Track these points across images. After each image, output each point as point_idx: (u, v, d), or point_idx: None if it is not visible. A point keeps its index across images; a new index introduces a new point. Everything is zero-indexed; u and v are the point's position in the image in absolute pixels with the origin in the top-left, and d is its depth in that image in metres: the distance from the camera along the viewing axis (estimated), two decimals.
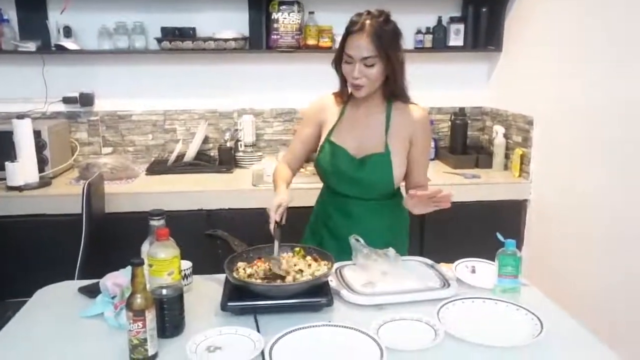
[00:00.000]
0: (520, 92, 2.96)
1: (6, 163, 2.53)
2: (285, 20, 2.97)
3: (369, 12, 1.71)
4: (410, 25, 3.10)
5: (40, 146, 2.69)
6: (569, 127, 2.51)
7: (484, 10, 3.12)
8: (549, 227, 2.68)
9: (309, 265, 1.60)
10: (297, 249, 1.70)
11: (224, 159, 3.04)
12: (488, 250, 1.67)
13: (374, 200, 1.87)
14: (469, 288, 1.62)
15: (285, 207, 1.71)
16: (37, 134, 2.66)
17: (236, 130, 3.17)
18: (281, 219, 1.69)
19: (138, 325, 1.22)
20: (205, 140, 3.17)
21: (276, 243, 1.65)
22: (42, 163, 2.70)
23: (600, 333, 1.41)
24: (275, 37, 2.99)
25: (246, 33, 3.06)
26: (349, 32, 1.71)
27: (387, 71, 1.73)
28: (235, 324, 1.38)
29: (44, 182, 2.66)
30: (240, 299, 1.45)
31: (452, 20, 3.17)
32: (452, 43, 3.17)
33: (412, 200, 1.69)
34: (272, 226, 1.67)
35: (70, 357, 1.30)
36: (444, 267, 1.72)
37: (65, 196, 2.53)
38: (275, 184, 1.87)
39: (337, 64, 1.79)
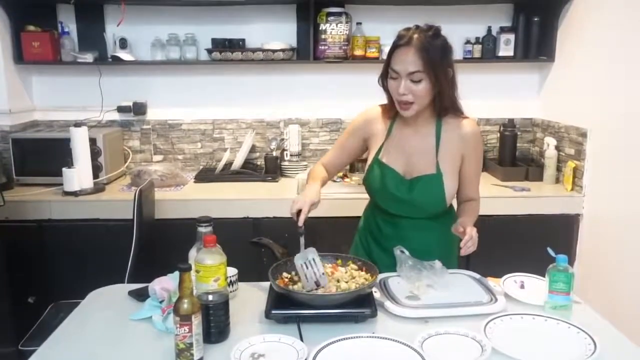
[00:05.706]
0: (573, 103, 2.87)
1: (63, 169, 2.64)
2: (333, 31, 2.99)
3: (417, 27, 1.66)
4: (459, 35, 3.08)
5: (95, 153, 2.79)
6: (624, 140, 2.41)
7: (535, 19, 3.06)
8: (603, 243, 2.58)
9: (352, 276, 1.60)
10: (339, 260, 1.69)
11: (270, 168, 3.08)
12: (537, 265, 1.63)
13: (424, 218, 1.82)
14: (517, 304, 1.58)
15: (313, 208, 1.68)
16: (92, 141, 2.76)
17: (282, 139, 3.20)
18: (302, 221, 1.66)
19: (184, 330, 1.24)
20: (252, 149, 3.21)
21: (302, 240, 1.62)
22: (96, 169, 2.80)
23: None
24: (322, 47, 3.01)
25: (294, 44, 3.10)
26: (395, 46, 1.66)
27: (435, 88, 1.66)
28: (279, 332, 1.39)
29: (98, 188, 2.75)
30: (284, 307, 1.46)
31: (503, 30, 3.11)
32: (502, 53, 3.11)
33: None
34: (301, 218, 1.64)
35: (119, 358, 1.33)
36: (491, 281, 1.68)
37: (117, 202, 2.62)
38: (308, 181, 1.84)
39: (384, 80, 1.73)
